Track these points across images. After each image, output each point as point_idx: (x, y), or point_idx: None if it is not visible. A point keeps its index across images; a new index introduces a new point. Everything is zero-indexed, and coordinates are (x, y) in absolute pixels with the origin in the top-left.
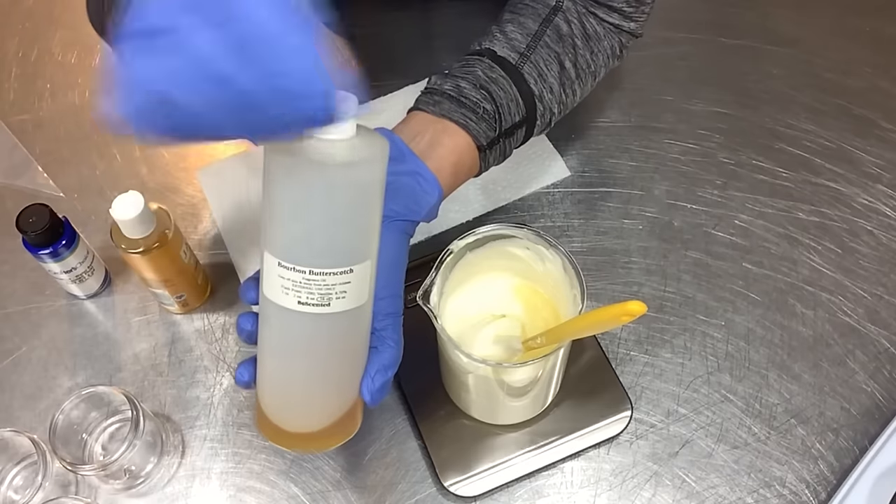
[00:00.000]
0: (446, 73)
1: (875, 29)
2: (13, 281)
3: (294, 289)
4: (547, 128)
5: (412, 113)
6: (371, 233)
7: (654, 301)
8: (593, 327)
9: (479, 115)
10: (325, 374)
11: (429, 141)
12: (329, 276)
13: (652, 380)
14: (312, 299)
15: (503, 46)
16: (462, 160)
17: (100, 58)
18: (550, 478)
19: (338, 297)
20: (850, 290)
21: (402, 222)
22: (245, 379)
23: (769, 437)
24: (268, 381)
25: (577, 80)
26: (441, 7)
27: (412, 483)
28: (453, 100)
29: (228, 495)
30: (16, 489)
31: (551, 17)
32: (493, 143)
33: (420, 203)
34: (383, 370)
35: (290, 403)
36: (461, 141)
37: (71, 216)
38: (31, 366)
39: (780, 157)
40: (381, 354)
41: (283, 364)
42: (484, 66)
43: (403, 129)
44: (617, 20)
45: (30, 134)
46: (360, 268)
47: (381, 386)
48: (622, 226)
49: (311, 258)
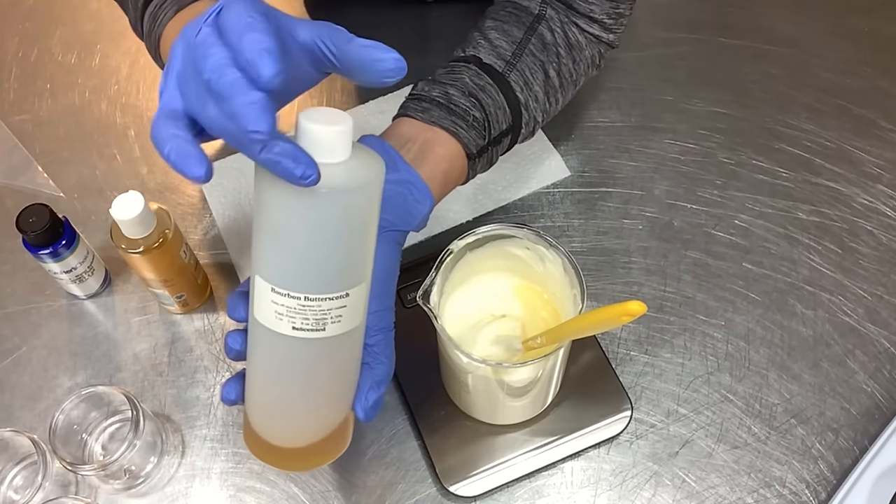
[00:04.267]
0: (432, 78)
1: (874, 29)
2: (13, 281)
3: (288, 314)
4: (531, 135)
5: (400, 119)
6: (367, 255)
7: (654, 301)
8: (593, 327)
9: (469, 123)
10: (318, 395)
11: (419, 149)
12: (325, 301)
13: (652, 380)
14: (307, 325)
15: (489, 53)
16: (452, 168)
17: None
18: (550, 478)
19: (333, 321)
20: (850, 290)
21: (394, 232)
22: (232, 398)
23: (769, 437)
24: (258, 403)
25: (560, 89)
26: (438, 8)
27: (412, 483)
28: (443, 107)
29: (228, 495)
30: (16, 489)
31: (535, 26)
32: (481, 152)
33: (412, 213)
34: (376, 386)
35: (280, 423)
36: (452, 149)
37: (71, 216)
38: (31, 366)
39: (780, 157)
40: (374, 371)
41: (275, 386)
42: (471, 72)
43: (392, 135)
44: (597, 31)
45: (30, 134)
46: (355, 291)
47: (375, 402)
48: (622, 226)
49: (307, 285)
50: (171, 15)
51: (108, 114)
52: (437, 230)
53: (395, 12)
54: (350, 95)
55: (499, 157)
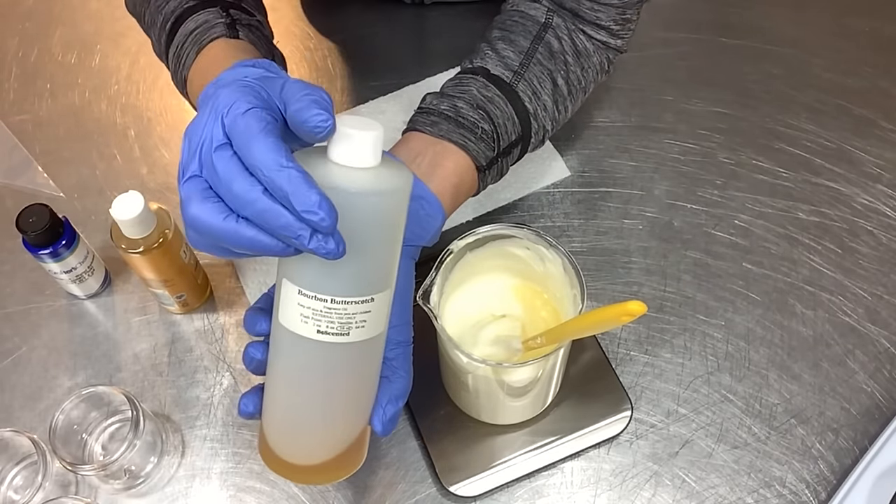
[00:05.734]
0: (440, 91)
1: (875, 29)
2: (13, 281)
3: (314, 317)
4: (541, 144)
5: (409, 133)
6: (393, 262)
7: (654, 301)
8: (593, 327)
9: (478, 136)
10: (338, 403)
11: (429, 163)
12: (351, 304)
13: (652, 380)
14: (332, 328)
15: (496, 64)
16: (462, 181)
17: (100, 58)
18: (550, 478)
19: (357, 326)
20: (850, 290)
21: (408, 248)
22: (250, 410)
23: (769, 437)
24: (278, 411)
25: (569, 97)
26: (437, 8)
27: (412, 483)
28: (451, 120)
29: (228, 495)
30: (16, 489)
31: (542, 35)
32: (491, 163)
33: (425, 228)
34: (394, 401)
35: (299, 434)
36: (461, 162)
37: (71, 216)
38: (31, 366)
39: (780, 157)
40: (393, 385)
41: (296, 393)
42: (478, 84)
43: (402, 150)
44: (604, 37)
45: (30, 134)
46: (380, 296)
47: (393, 416)
48: (622, 226)
49: (334, 287)
50: (193, 57)
51: (108, 114)
52: None
53: (394, 12)
54: (350, 95)
55: (509, 167)
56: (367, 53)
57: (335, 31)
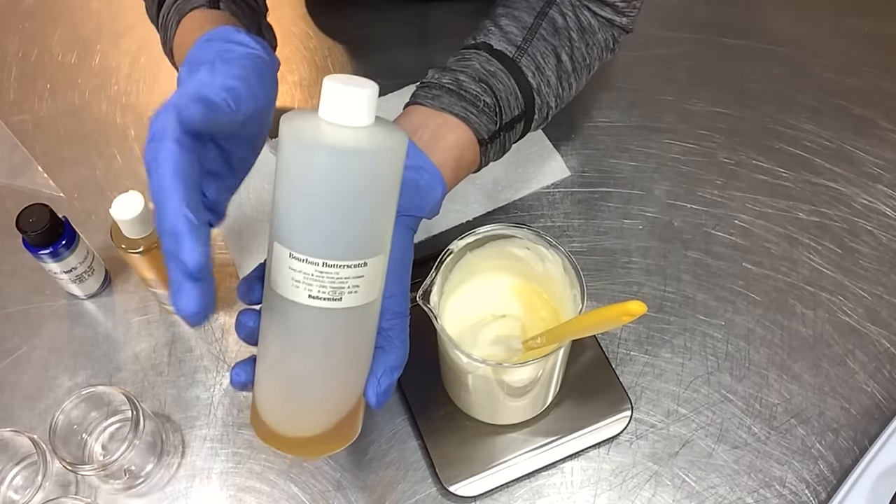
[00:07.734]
0: (443, 67)
1: (875, 29)
2: (13, 281)
3: (305, 281)
4: (544, 122)
5: (410, 107)
6: (386, 225)
7: (654, 301)
8: (593, 327)
9: (480, 109)
10: (331, 372)
11: (430, 135)
12: (343, 268)
13: (652, 380)
14: (324, 293)
15: (499, 40)
16: (464, 155)
17: (100, 58)
18: (550, 478)
19: (350, 291)
20: (850, 290)
21: (407, 217)
22: (242, 379)
23: (769, 437)
24: (269, 380)
25: (573, 74)
26: (439, 7)
27: (412, 483)
28: (453, 93)
29: (228, 495)
30: (16, 489)
31: (546, 10)
32: (493, 137)
33: (425, 198)
34: (389, 372)
35: (291, 404)
36: (462, 135)
37: (71, 216)
38: (31, 366)
39: (780, 157)
40: (388, 355)
41: (287, 361)
42: (481, 59)
43: (403, 122)
44: (609, 14)
45: (30, 134)
46: (373, 261)
47: (387, 388)
48: (622, 226)
49: (326, 249)
50: (174, 27)
51: (108, 114)
52: (437, 230)
53: (396, 11)
54: None
55: (512, 143)
56: (368, 53)
57: (337, 30)
